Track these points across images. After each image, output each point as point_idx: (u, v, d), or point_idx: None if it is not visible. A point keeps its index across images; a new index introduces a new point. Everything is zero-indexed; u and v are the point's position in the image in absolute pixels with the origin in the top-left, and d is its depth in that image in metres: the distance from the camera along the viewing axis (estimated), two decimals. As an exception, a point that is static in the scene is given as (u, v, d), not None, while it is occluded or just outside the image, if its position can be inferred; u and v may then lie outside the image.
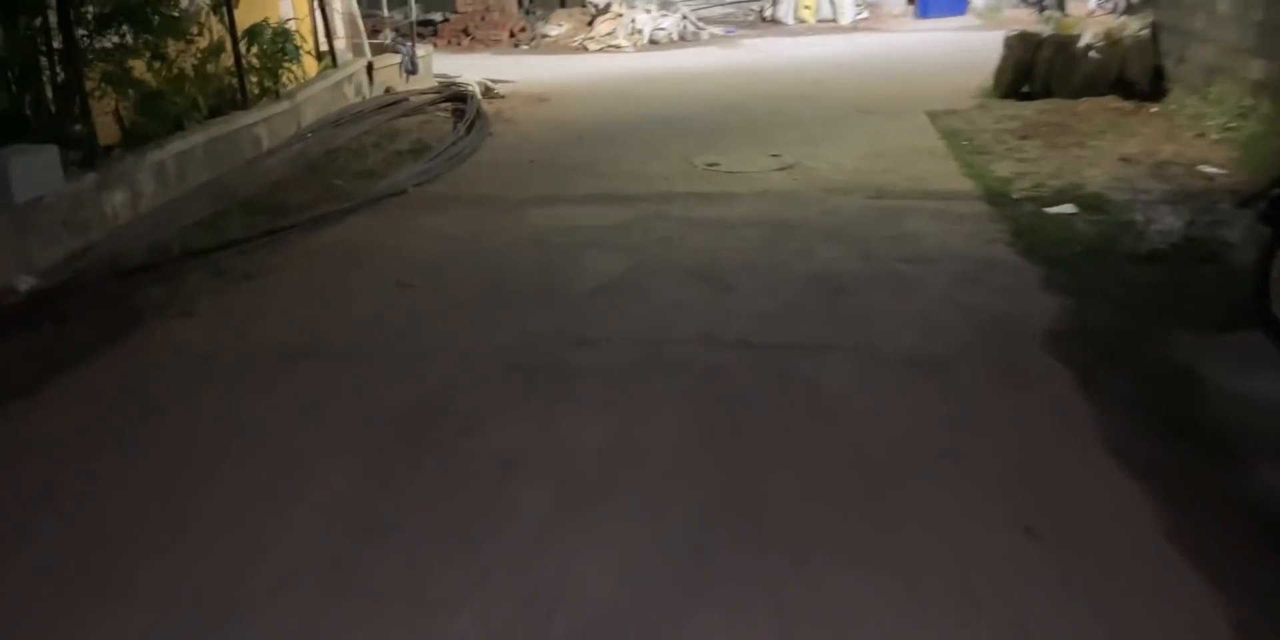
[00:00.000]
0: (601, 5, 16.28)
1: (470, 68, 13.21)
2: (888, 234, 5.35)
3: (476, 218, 6.03)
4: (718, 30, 16.78)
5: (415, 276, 4.88)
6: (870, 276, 4.67)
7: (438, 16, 18.47)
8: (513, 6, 17.38)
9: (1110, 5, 12.98)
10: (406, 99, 9.50)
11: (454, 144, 7.95)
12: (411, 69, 10.21)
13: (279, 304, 4.64)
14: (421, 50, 10.83)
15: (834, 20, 17.38)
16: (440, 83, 10.85)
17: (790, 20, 17.55)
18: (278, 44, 8.29)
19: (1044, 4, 15.62)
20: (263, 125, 7.23)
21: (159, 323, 4.38)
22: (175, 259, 5.11)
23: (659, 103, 10.02)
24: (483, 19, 16.89)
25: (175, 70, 7.06)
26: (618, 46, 15.34)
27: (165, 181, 6.00)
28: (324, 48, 10.06)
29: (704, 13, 18.40)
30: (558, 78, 12.33)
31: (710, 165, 7.13)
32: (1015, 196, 5.99)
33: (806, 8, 17.42)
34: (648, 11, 16.14)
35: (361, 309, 4.53)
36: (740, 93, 10.46)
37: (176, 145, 6.18)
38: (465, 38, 16.65)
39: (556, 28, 16.09)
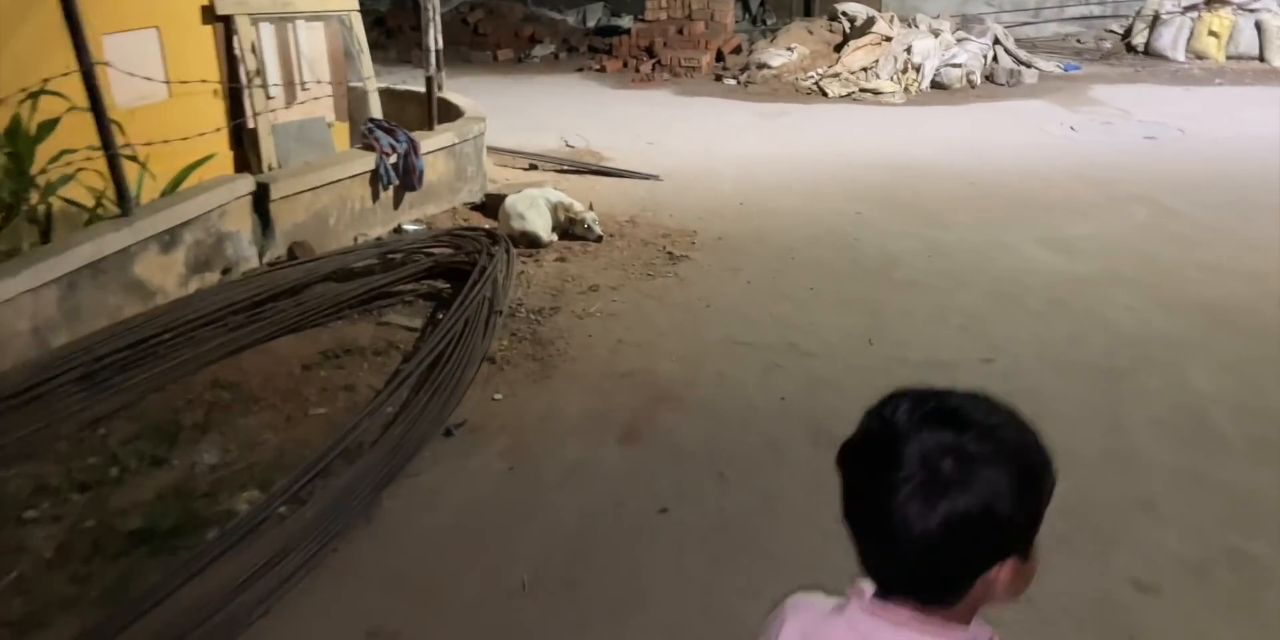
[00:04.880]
0: (861, 19, 10.22)
1: (609, 125, 7.75)
2: None
3: None
4: (1049, 65, 10.30)
5: None
6: None
7: (626, 21, 13.12)
8: (728, 14, 11.61)
9: None
10: (335, 273, 4.17)
11: (307, 503, 2.63)
12: (394, 179, 4.83)
13: None
14: (443, 138, 5.33)
15: (1260, 58, 10.30)
16: (488, 193, 5.49)
17: (1179, 54, 10.62)
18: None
19: None
20: None
21: None
22: None
23: (913, 305, 4.13)
24: (679, 32, 11.29)
25: None
26: (876, 92, 9.30)
27: None
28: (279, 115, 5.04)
29: (1027, 32, 11.88)
30: (745, 167, 6.61)
31: None
32: None
33: (1213, 34, 10.43)
34: (935, 33, 9.90)
35: None
36: (1100, 277, 4.34)
37: None
38: (648, 60, 11.16)
39: (782, 53, 10.20)
